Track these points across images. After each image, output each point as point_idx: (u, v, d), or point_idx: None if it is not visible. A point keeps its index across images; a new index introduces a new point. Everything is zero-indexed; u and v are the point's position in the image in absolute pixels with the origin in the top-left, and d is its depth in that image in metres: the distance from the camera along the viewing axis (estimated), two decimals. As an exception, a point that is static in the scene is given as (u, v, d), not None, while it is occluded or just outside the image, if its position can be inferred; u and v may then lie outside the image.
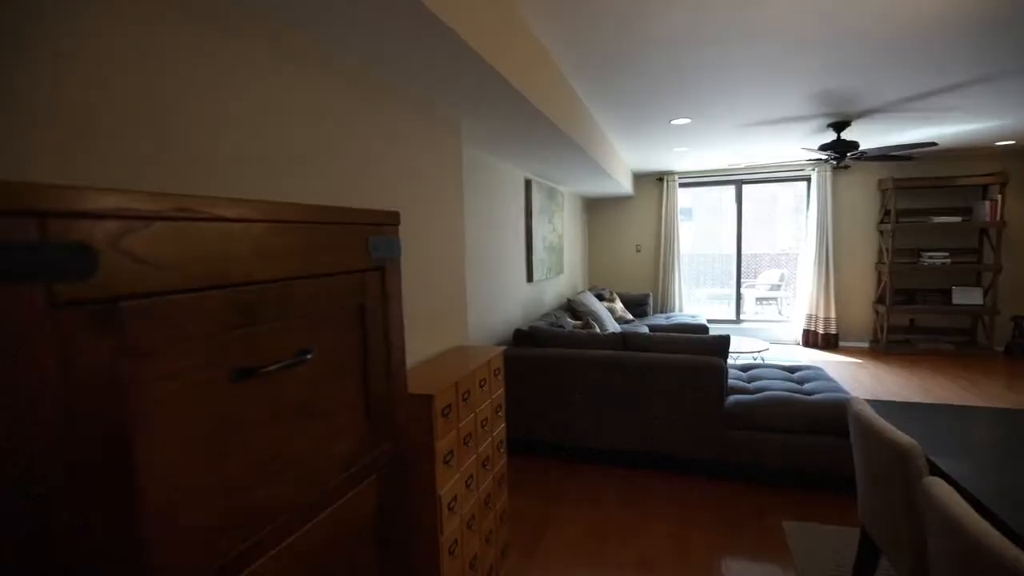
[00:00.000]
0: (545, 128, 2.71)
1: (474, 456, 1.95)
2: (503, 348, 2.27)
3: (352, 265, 0.80)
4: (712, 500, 2.76)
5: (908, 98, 3.42)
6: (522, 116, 2.43)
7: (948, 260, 5.77)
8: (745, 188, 6.82)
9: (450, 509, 1.72)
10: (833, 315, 6.21)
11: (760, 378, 3.33)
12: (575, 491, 2.90)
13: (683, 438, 2.96)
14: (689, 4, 1.99)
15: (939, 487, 1.15)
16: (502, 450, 2.26)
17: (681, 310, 6.86)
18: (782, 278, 8.51)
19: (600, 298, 5.82)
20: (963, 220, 5.69)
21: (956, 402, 4.22)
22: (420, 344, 2.07)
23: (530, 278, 4.51)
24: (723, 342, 2.95)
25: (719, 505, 2.71)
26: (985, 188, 5.73)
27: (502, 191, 3.93)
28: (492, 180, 3.73)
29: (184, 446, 0.58)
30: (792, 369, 3.51)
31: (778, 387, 3.10)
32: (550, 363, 3.16)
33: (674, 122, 3.91)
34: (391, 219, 0.90)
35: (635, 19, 2.13)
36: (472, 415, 1.93)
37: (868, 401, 2.09)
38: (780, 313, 7.98)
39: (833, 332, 6.22)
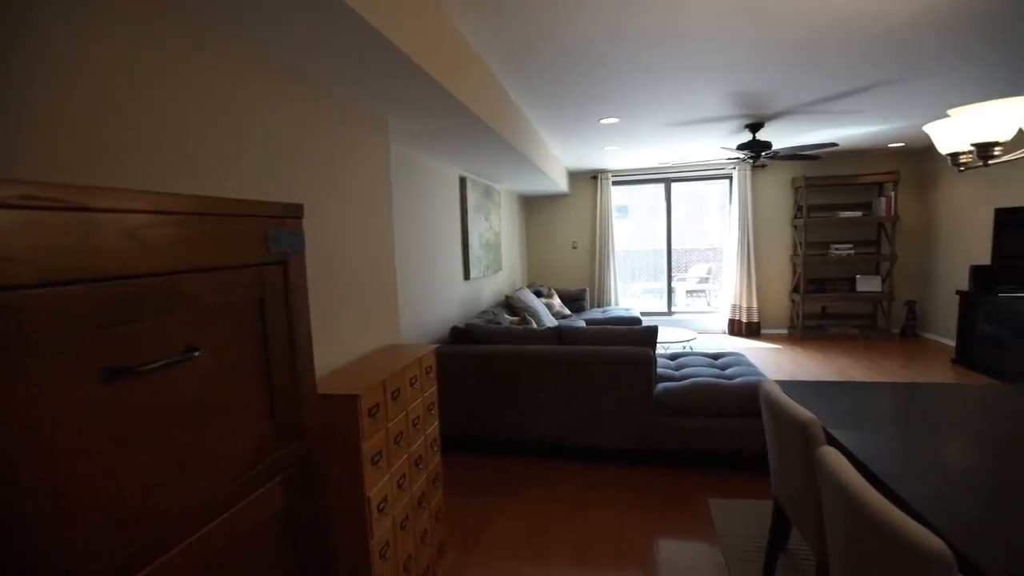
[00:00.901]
0: (476, 126, 2.71)
1: (406, 455, 1.92)
2: (435, 346, 2.24)
3: (249, 258, 0.76)
4: (645, 485, 2.87)
5: (813, 101, 3.70)
6: (452, 114, 2.42)
7: (852, 251, 6.31)
8: (674, 186, 7.12)
9: (380, 510, 1.68)
10: (755, 305, 6.62)
11: (687, 366, 3.50)
12: (515, 486, 2.93)
13: (617, 427, 3.06)
14: (610, 5, 2.05)
15: (831, 456, 1.25)
16: (436, 448, 2.24)
17: (617, 304, 7.07)
18: (710, 271, 8.98)
19: (538, 294, 5.90)
20: (864, 215, 6.23)
21: (860, 380, 4.62)
22: (349, 343, 2.01)
23: (467, 276, 4.49)
24: (651, 333, 3.08)
25: (651, 490, 2.82)
26: (881, 186, 6.30)
27: (436, 189, 3.89)
28: (425, 178, 3.69)
29: (51, 451, 0.53)
30: (716, 356, 3.71)
31: (703, 374, 3.27)
32: (487, 359, 3.16)
33: (603, 121, 4.02)
34: (294, 212, 0.86)
35: (560, 20, 2.17)
36: (403, 414, 1.90)
37: (779, 382, 2.25)
38: (709, 304, 8.41)
39: (755, 320, 6.63)
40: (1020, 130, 1.49)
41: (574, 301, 6.39)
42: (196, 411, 0.70)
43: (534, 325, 3.86)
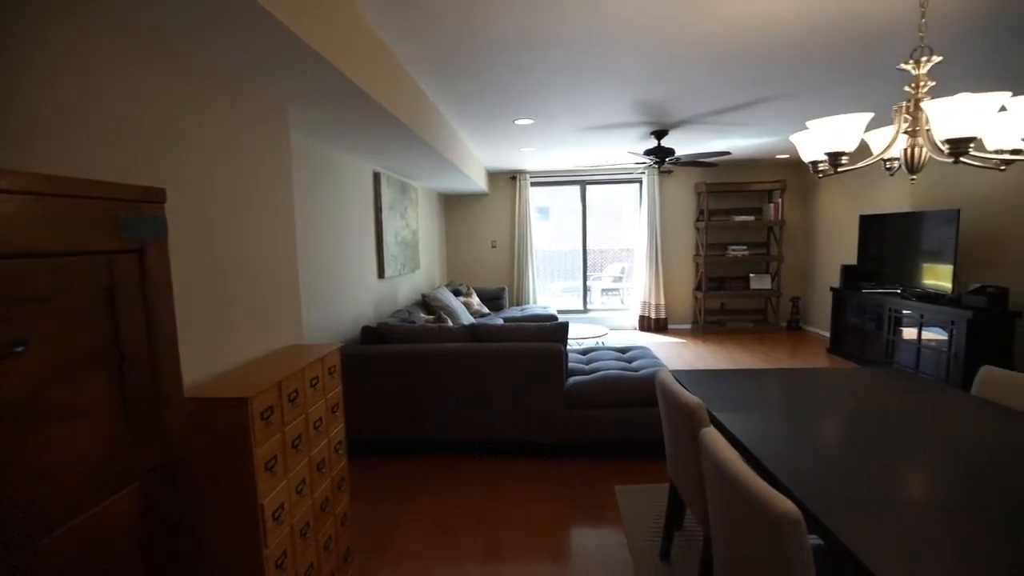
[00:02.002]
0: (386, 120, 2.64)
1: (306, 460, 1.83)
2: (339, 345, 2.16)
3: (94, 244, 0.69)
4: (557, 478, 2.95)
5: (709, 112, 3.99)
6: (360, 107, 2.35)
7: (746, 252, 6.88)
8: (590, 189, 7.39)
9: (276, 519, 1.59)
10: (663, 302, 7.03)
11: (597, 360, 3.64)
12: (428, 486, 2.89)
13: (530, 422, 3.11)
14: (521, 8, 2.08)
15: (711, 436, 1.36)
16: (341, 452, 2.15)
17: (535, 302, 7.21)
18: (623, 271, 9.42)
19: (457, 293, 5.88)
20: (756, 219, 6.83)
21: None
22: (243, 344, 1.88)
23: (381, 274, 4.38)
24: (562, 329, 3.17)
25: (563, 481, 2.91)
26: (770, 192, 6.93)
27: (348, 184, 3.76)
28: (336, 173, 3.54)
29: None
30: (624, 351, 3.90)
31: (612, 367, 3.42)
32: (400, 359, 3.10)
33: (518, 122, 4.08)
34: (153, 196, 0.79)
35: (469, 18, 2.17)
36: (302, 416, 1.81)
37: (675, 371, 2.40)
38: (622, 302, 8.81)
39: (663, 317, 7.04)
40: (864, 142, 1.70)
41: (493, 300, 6.44)
42: (25, 414, 0.62)
43: (450, 324, 3.83)
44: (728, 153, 4.40)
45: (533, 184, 7.27)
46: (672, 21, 2.24)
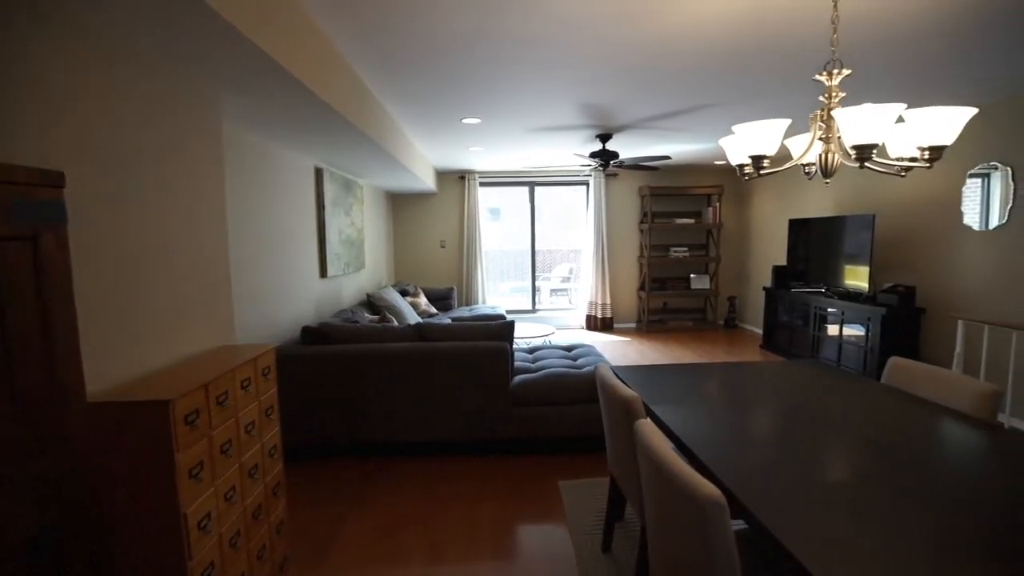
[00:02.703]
0: (327, 115, 2.57)
1: (237, 466, 1.74)
2: (274, 345, 2.08)
3: (-25, 230, 0.63)
4: (502, 475, 2.96)
5: (651, 117, 4.13)
6: (298, 100, 2.26)
7: (687, 253, 7.17)
8: (539, 190, 7.47)
9: (202, 529, 1.51)
10: (609, 301, 7.21)
11: (543, 358, 3.69)
12: (372, 489, 2.83)
13: (476, 420, 3.11)
14: (466, 6, 2.07)
15: (644, 427, 1.40)
16: (277, 456, 2.07)
17: (484, 302, 7.21)
18: (571, 271, 9.58)
19: (404, 293, 5.79)
20: (696, 222, 7.12)
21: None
22: (168, 344, 1.77)
23: (324, 273, 4.24)
24: (508, 328, 3.18)
25: (509, 479, 2.92)
26: (709, 197, 7.25)
27: (288, 180, 3.62)
28: (276, 167, 3.40)
29: None
30: (569, 349, 3.97)
31: (557, 365, 3.46)
32: (342, 360, 3.01)
33: (465, 121, 4.07)
34: (49, 179, 0.73)
35: (415, 16, 2.14)
36: (232, 420, 1.72)
37: (616, 367, 2.46)
38: (570, 302, 8.96)
39: (609, 316, 7.22)
40: (786, 147, 1.81)
41: (441, 300, 6.38)
42: None
43: (395, 324, 3.77)
44: (668, 157, 4.56)
45: (482, 184, 7.26)
46: (614, 25, 2.30)
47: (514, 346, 4.13)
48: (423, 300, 5.72)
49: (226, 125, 2.80)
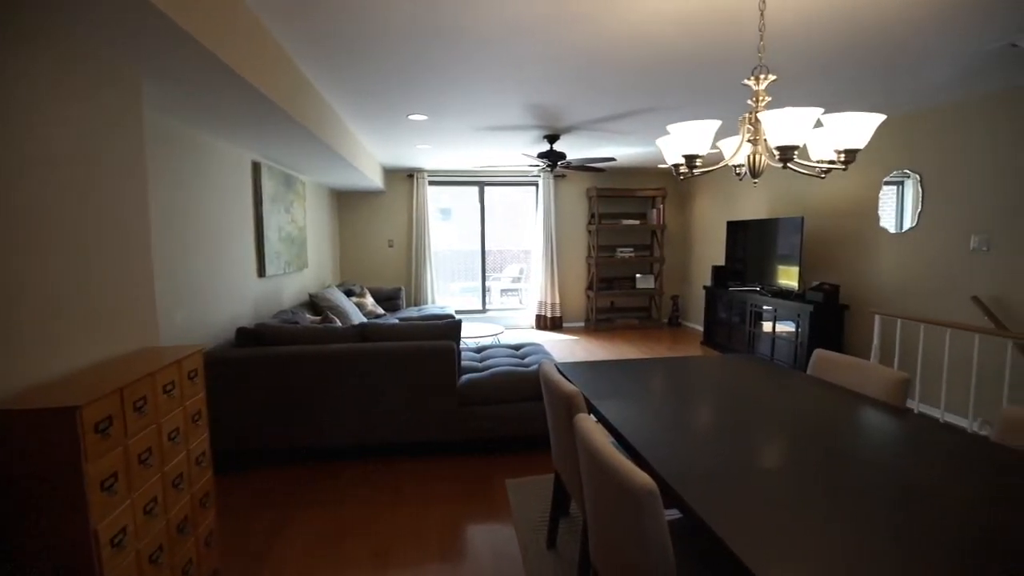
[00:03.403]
0: (262, 105, 2.45)
1: (158, 476, 1.63)
2: (201, 347, 1.96)
3: None
4: (450, 476, 2.92)
5: (596, 120, 4.21)
6: (226, 87, 2.14)
7: (633, 254, 7.37)
8: (491, 190, 7.46)
9: (116, 545, 1.40)
10: (558, 301, 7.30)
11: (491, 357, 3.68)
12: (314, 495, 2.72)
13: (424, 421, 3.06)
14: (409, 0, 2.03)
15: (583, 421, 1.42)
16: (204, 464, 1.95)
17: (433, 303, 7.13)
18: (521, 271, 9.62)
19: (350, 294, 5.63)
20: (641, 223, 7.33)
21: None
22: (80, 346, 1.63)
23: (262, 272, 4.06)
24: (455, 327, 3.15)
25: (456, 479, 2.88)
26: (653, 199, 7.48)
27: (223, 174, 3.43)
28: (209, 160, 3.22)
29: None
30: (517, 348, 3.98)
31: (505, 364, 3.46)
32: (280, 362, 2.89)
33: (411, 117, 4.00)
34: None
35: (356, 6, 2.07)
36: (153, 427, 1.61)
37: (562, 363, 2.49)
38: (520, 302, 9.00)
39: (558, 315, 7.31)
40: (720, 149, 1.89)
41: (389, 300, 6.25)
42: None
43: (339, 324, 3.65)
44: (614, 159, 4.67)
45: (431, 183, 7.18)
46: (560, 26, 2.32)
47: (461, 346, 4.11)
48: (369, 300, 5.58)
49: (154, 115, 2.62)
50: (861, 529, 1.07)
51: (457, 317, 4.39)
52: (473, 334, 5.17)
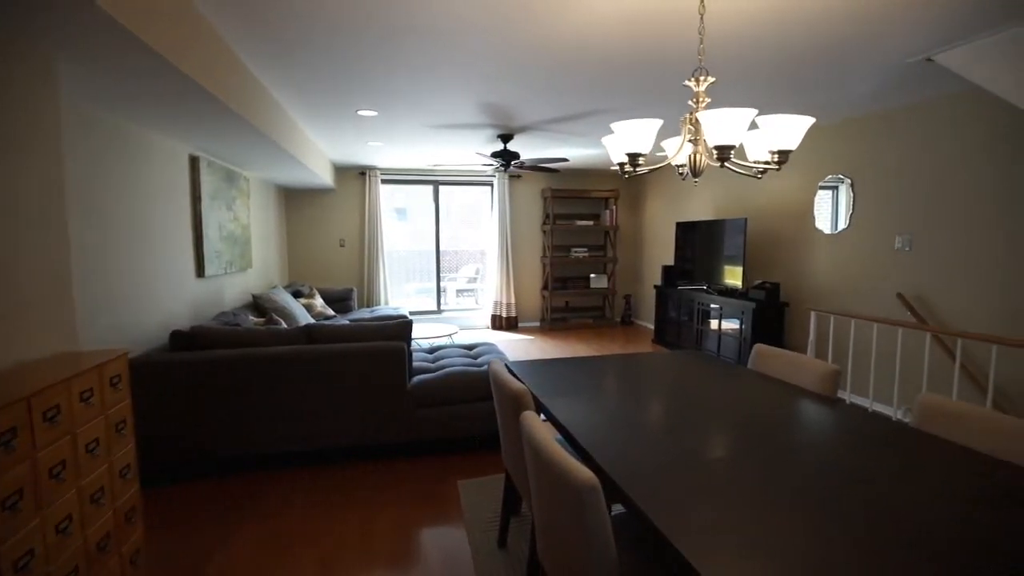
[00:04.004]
0: (196, 94, 2.31)
1: (74, 491, 1.51)
2: (124, 351, 1.83)
3: None
4: (401, 479, 2.86)
5: (548, 120, 4.23)
6: (152, 71, 2.01)
7: (587, 254, 7.47)
8: (445, 189, 7.39)
9: (21, 568, 1.28)
10: (513, 301, 7.31)
11: (444, 358, 3.63)
12: (258, 505, 2.60)
13: (373, 424, 2.98)
14: (342, -17, 1.97)
15: (529, 418, 1.41)
16: (129, 476, 1.82)
17: (387, 304, 6.99)
18: (477, 272, 9.59)
19: (298, 295, 5.44)
20: (594, 224, 7.44)
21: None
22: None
23: (201, 272, 3.85)
24: (405, 327, 3.09)
25: (408, 482, 2.82)
26: (607, 200, 7.61)
27: (157, 168, 3.23)
28: (140, 153, 3.02)
29: None
30: (471, 347, 3.95)
31: (458, 364, 3.43)
32: (219, 366, 2.74)
33: (361, 112, 3.90)
34: None
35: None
36: (67, 438, 1.48)
37: (514, 362, 2.48)
38: (477, 303, 8.95)
39: (514, 315, 7.32)
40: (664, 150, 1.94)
41: (340, 302, 6.08)
42: None
43: (284, 326, 3.51)
44: (566, 160, 4.71)
45: (384, 182, 7.04)
46: (512, 24, 2.30)
47: (413, 346, 4.04)
48: (319, 302, 5.41)
49: (78, 102, 2.43)
50: (793, 515, 1.11)
51: (409, 317, 4.31)
52: (427, 335, 5.10)
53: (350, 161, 6.36)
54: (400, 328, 3.05)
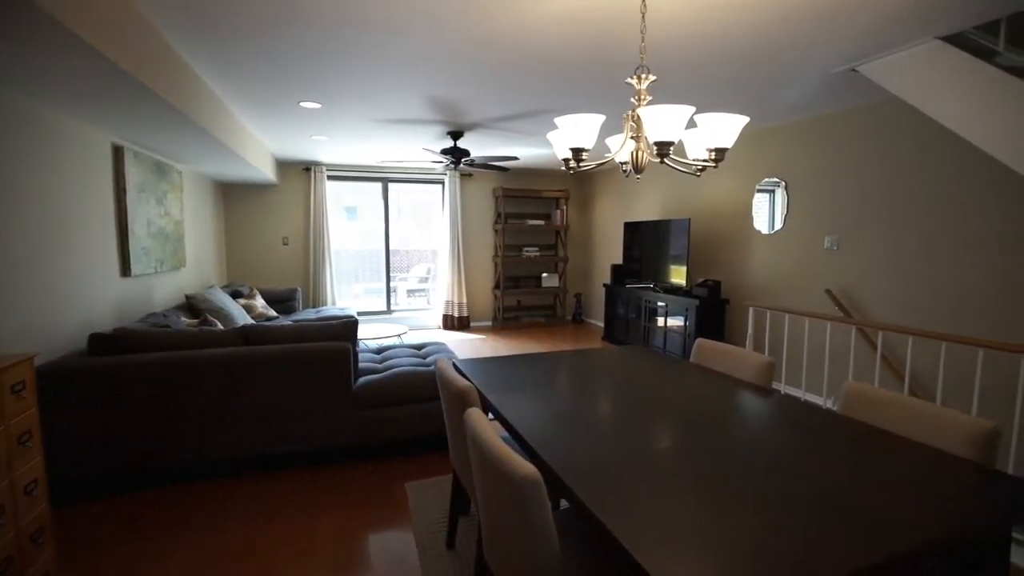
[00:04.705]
0: (115, 78, 2.14)
1: (-34, 510, 1.35)
2: (28, 355, 1.67)
3: None
4: (347, 484, 2.76)
5: (497, 118, 4.22)
6: (62, 48, 1.84)
7: (538, 253, 7.52)
8: (395, 187, 7.23)
9: (-101, 600, 1.13)
10: (465, 300, 7.25)
11: (392, 358, 3.54)
12: (190, 518, 2.43)
13: (316, 428, 2.86)
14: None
15: (473, 415, 1.38)
16: (36, 494, 1.66)
17: (334, 304, 6.77)
18: (429, 271, 9.46)
19: (237, 295, 5.17)
20: (545, 223, 7.50)
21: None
22: None
23: (127, 271, 3.59)
24: (350, 327, 2.99)
25: (353, 487, 2.73)
26: (557, 200, 7.69)
27: (74, 157, 2.97)
28: (51, 141, 2.77)
29: None
30: (420, 347, 3.88)
31: (406, 364, 3.35)
32: (145, 371, 2.55)
33: (304, 104, 3.76)
34: None
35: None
36: (-43, 452, 1.33)
37: (463, 360, 2.44)
38: (428, 302, 8.83)
39: (465, 315, 7.27)
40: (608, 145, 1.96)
41: (284, 302, 5.83)
42: None
43: (219, 328, 3.31)
44: (516, 158, 4.72)
45: (331, 178, 6.81)
46: (456, 19, 2.27)
47: (361, 347, 3.93)
48: (260, 302, 5.17)
49: (-33, 79, 2.20)
50: (729, 502, 1.14)
51: (356, 317, 4.19)
52: (375, 335, 4.97)
53: (294, 156, 6.12)
54: (345, 328, 2.95)
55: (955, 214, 3.19)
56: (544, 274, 7.62)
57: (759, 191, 4.66)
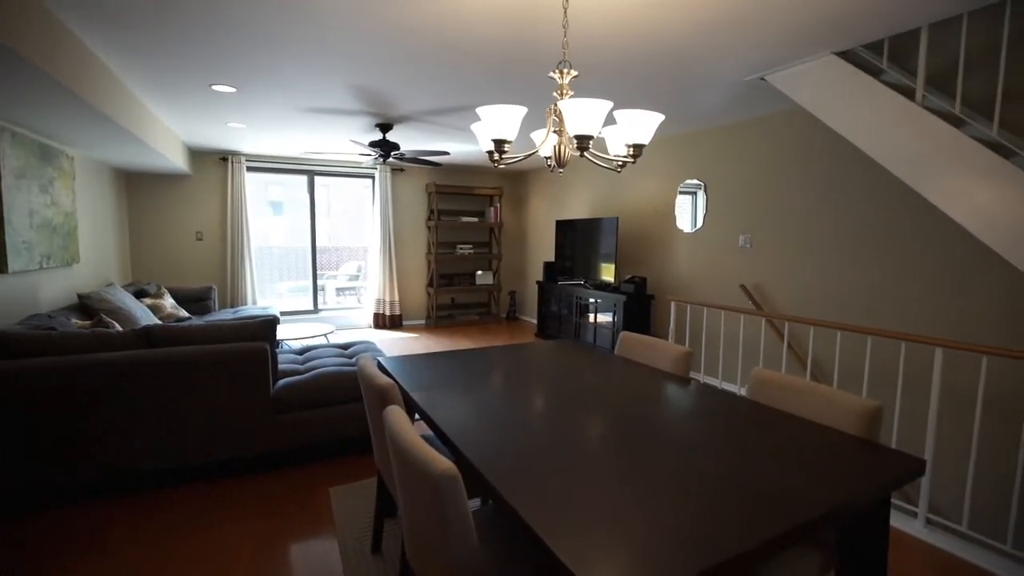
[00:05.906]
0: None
1: None
2: None
3: None
4: (264, 493, 2.60)
5: (426, 111, 4.14)
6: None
7: (472, 251, 7.48)
8: (321, 180, 6.92)
9: None
10: (397, 299, 7.08)
11: (315, 358, 3.38)
12: (85, 540, 2.19)
13: (228, 436, 2.67)
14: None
15: (392, 413, 1.33)
16: None
17: (254, 303, 6.39)
18: (359, 269, 9.15)
19: (142, 294, 4.75)
20: (479, 221, 7.48)
21: (475, 357, 5.47)
22: None
23: (3, 267, 3.18)
24: (267, 327, 2.82)
25: (272, 495, 2.57)
26: (491, 198, 7.69)
27: (-75, 133, 2.58)
28: None
29: None
30: (346, 347, 3.73)
31: (330, 364, 3.21)
32: (23, 379, 2.27)
33: (216, 88, 3.49)
34: None
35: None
36: None
37: (389, 358, 2.36)
38: (359, 301, 8.55)
39: (398, 313, 7.10)
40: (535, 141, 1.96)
41: (197, 302, 5.42)
42: None
43: (118, 329, 3.01)
44: (447, 153, 4.66)
45: (251, 169, 6.41)
46: (378, 2, 2.19)
47: (280, 347, 3.72)
48: (169, 302, 4.77)
49: None
50: (644, 486, 1.17)
51: (277, 316, 3.96)
52: (298, 334, 4.74)
53: (208, 144, 5.70)
54: (262, 327, 2.77)
55: (850, 216, 3.51)
56: (478, 272, 7.60)
57: (682, 192, 4.89)
